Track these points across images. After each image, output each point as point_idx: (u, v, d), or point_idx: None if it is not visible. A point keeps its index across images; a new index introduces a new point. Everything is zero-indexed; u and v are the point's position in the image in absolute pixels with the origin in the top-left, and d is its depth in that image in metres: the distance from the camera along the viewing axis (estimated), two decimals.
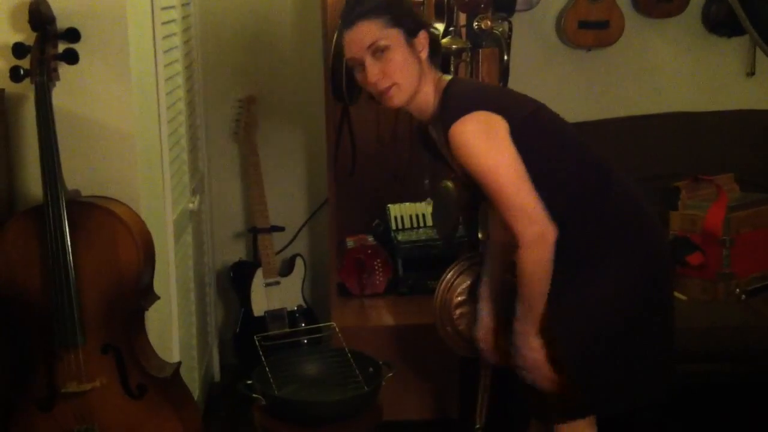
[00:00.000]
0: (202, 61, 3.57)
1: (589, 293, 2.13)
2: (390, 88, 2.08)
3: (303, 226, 3.84)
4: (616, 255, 2.14)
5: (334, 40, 3.32)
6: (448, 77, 2.18)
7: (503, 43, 2.78)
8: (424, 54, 2.13)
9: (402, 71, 2.08)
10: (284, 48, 3.73)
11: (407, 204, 3.55)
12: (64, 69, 2.26)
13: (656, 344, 2.21)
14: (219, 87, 3.70)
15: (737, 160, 3.56)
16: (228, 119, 3.72)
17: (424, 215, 3.51)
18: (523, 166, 2.03)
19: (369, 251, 3.47)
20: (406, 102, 2.13)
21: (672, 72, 3.86)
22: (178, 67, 2.98)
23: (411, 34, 2.10)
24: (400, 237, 3.47)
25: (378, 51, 2.06)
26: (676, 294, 3.16)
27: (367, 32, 2.07)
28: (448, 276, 2.57)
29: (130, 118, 2.39)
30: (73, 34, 2.26)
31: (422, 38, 2.13)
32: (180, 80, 3.00)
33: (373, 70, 2.07)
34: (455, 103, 2.09)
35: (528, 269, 2.06)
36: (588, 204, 2.12)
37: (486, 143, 2.04)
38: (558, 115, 2.21)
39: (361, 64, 2.09)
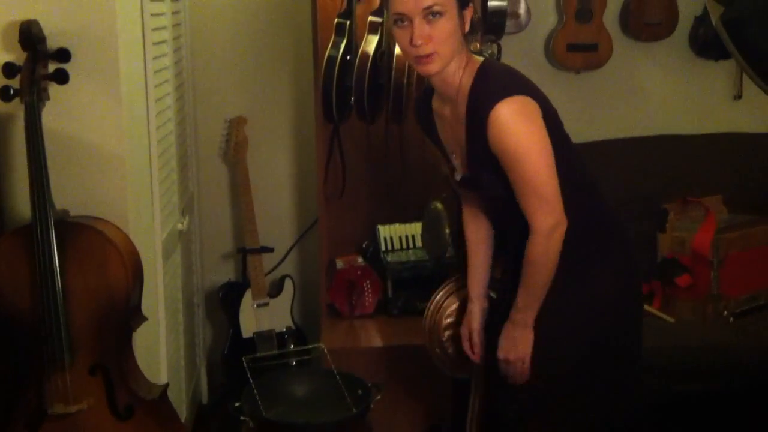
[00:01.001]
0: (193, 81, 3.57)
1: (570, 297, 2.15)
2: (431, 55, 2.03)
3: (292, 246, 3.83)
4: (599, 262, 2.18)
5: (324, 59, 3.35)
6: (479, 58, 2.15)
7: None
8: (467, 27, 2.09)
9: (447, 41, 2.03)
10: (275, 68, 3.74)
11: (397, 225, 3.55)
12: (54, 89, 2.26)
13: (627, 357, 2.25)
14: (209, 107, 3.70)
15: (725, 182, 3.58)
16: (218, 139, 3.73)
17: (413, 236, 3.51)
18: (553, 156, 2.04)
19: (359, 272, 3.47)
20: (440, 71, 2.08)
21: (660, 94, 3.89)
22: (169, 87, 2.99)
23: (463, 6, 2.06)
24: (389, 258, 3.47)
25: (433, 15, 2.00)
26: (665, 316, 3.18)
27: None
28: (437, 297, 2.57)
29: (120, 138, 2.39)
30: (63, 54, 2.26)
31: (469, 12, 2.09)
32: (170, 100, 3.01)
33: (422, 32, 2.00)
34: (494, 85, 2.06)
35: (540, 258, 2.07)
36: (580, 210, 2.13)
37: (527, 127, 2.03)
38: None
39: (409, 21, 2.01)
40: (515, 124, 2.01)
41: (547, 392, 2.21)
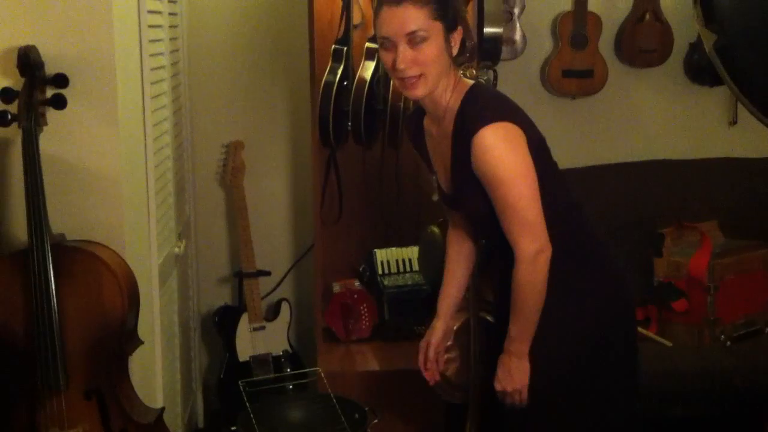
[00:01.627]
0: (190, 105, 3.59)
1: (560, 322, 2.15)
2: (418, 78, 2.05)
3: (289, 270, 3.84)
4: (587, 287, 2.20)
5: (321, 85, 3.37)
6: (469, 80, 2.17)
7: None
8: (455, 51, 2.11)
9: (432, 65, 2.05)
10: (272, 93, 3.76)
11: (393, 249, 3.55)
12: (51, 113, 2.27)
13: (621, 377, 2.26)
14: (206, 131, 3.71)
15: (720, 206, 3.60)
16: (215, 164, 3.74)
17: (410, 260, 3.52)
18: (536, 183, 2.06)
19: (355, 296, 3.47)
20: (427, 94, 2.11)
21: (655, 120, 3.91)
22: (166, 112, 3.00)
23: (450, 30, 2.08)
24: (386, 282, 3.47)
25: (417, 40, 2.02)
26: (661, 339, 3.18)
27: (413, 18, 2.02)
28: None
29: (117, 162, 2.40)
30: (61, 80, 2.27)
31: (457, 35, 2.10)
32: (168, 125, 3.02)
33: (405, 57, 2.02)
34: (482, 108, 2.08)
35: (526, 284, 2.07)
36: (564, 236, 2.14)
37: (511, 153, 2.04)
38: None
39: (393, 45, 2.03)
40: (498, 149, 2.04)
41: (543, 416, 2.21)
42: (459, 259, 2.42)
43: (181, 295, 3.25)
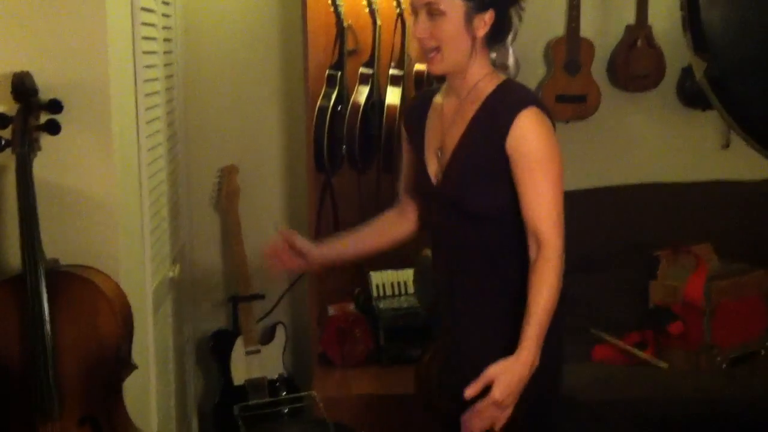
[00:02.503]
0: (185, 130, 3.60)
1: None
2: (434, 52, 2.01)
3: (284, 294, 3.83)
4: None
5: (316, 109, 3.38)
6: (503, 75, 2.13)
7: None
8: (480, 32, 2.03)
9: (450, 43, 2.00)
10: (267, 118, 3.77)
11: (389, 271, 3.55)
12: (45, 139, 2.27)
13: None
14: (201, 156, 3.72)
15: (714, 229, 3.60)
16: (210, 188, 3.74)
17: (406, 282, 3.51)
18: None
19: (350, 320, 3.47)
20: (448, 73, 2.07)
21: (649, 144, 3.93)
22: (161, 137, 3.01)
23: (478, 10, 2.00)
24: (381, 305, 3.46)
25: (434, 12, 1.98)
26: (657, 361, 3.17)
27: None
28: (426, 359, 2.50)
29: (112, 187, 2.40)
30: (55, 106, 2.27)
31: (488, 17, 2.02)
32: (162, 150, 3.02)
33: (423, 27, 2.00)
34: (526, 94, 2.06)
35: (554, 280, 1.95)
36: None
37: (553, 139, 2.01)
38: None
39: (416, 14, 2.02)
40: (543, 130, 1.99)
41: None
42: (378, 227, 2.36)
43: (175, 320, 3.24)
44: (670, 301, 3.24)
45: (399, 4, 3.43)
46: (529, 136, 1.98)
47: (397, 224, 2.36)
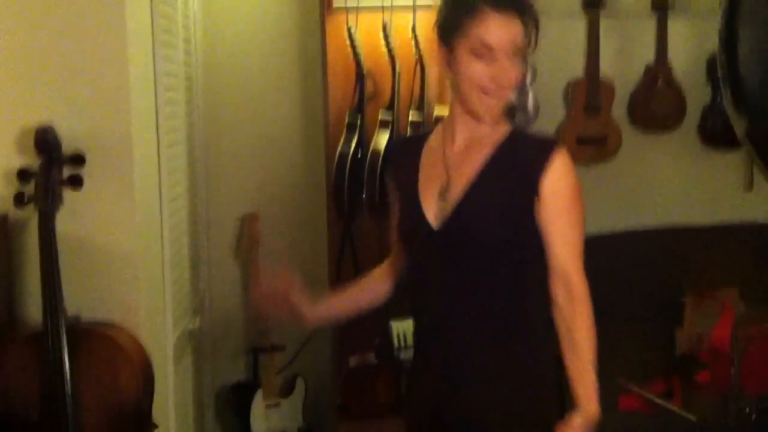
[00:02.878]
0: (206, 178, 3.58)
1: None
2: (507, 92, 1.92)
3: (304, 345, 3.77)
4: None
5: (336, 156, 3.36)
6: None
7: None
8: None
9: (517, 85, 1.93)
10: (287, 164, 3.75)
11: (410, 320, 3.48)
12: (68, 192, 2.25)
13: None
14: (222, 204, 3.69)
15: (739, 273, 3.55)
16: (230, 236, 3.71)
17: None
18: None
19: (371, 370, 3.41)
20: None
21: (670, 185, 3.90)
22: (181, 188, 2.99)
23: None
24: (403, 355, 3.40)
25: (515, 53, 1.87)
26: (686, 413, 3.10)
27: (518, 30, 1.87)
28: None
29: (134, 240, 2.37)
30: (78, 160, 2.25)
31: None
32: (183, 201, 3.01)
33: (511, 73, 1.88)
34: (547, 136, 2.08)
35: (591, 322, 1.92)
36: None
37: (577, 180, 1.97)
38: None
39: (493, 58, 1.86)
40: (573, 172, 1.95)
41: None
42: (367, 288, 2.26)
43: (195, 372, 3.19)
44: (696, 349, 3.18)
45: (418, 50, 3.41)
46: (565, 177, 1.93)
47: (388, 278, 2.25)
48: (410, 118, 3.45)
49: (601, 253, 3.33)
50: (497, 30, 1.85)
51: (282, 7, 3.70)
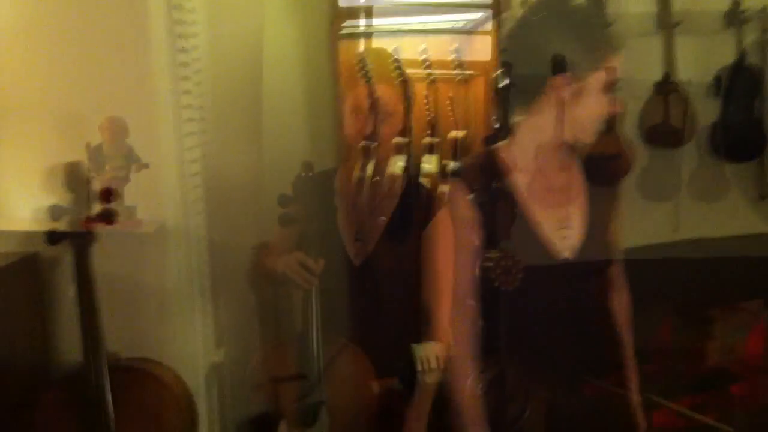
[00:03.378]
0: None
1: None
2: None
3: (324, 371, 3.71)
4: None
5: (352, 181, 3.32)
6: None
7: None
8: None
9: None
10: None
11: (432, 343, 3.45)
12: (99, 227, 2.21)
13: None
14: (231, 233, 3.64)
15: (762, 283, 3.53)
16: (247, 266, 3.65)
17: None
18: None
19: (395, 396, 3.36)
20: None
21: (684, 199, 3.89)
22: (201, 218, 2.94)
23: None
24: (428, 380, 3.36)
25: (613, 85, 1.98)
26: (721, 425, 3.06)
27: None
28: None
29: (166, 273, 2.34)
30: (108, 194, 2.22)
31: None
32: (203, 230, 2.96)
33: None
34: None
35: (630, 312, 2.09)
36: None
37: None
38: None
39: (613, 93, 1.99)
40: None
41: None
42: None
43: (220, 406, 3.13)
44: (727, 361, 3.16)
45: (430, 74, 3.40)
46: None
47: None
48: (424, 141, 3.43)
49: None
50: (619, 66, 1.97)
51: (286, 38, 3.67)
